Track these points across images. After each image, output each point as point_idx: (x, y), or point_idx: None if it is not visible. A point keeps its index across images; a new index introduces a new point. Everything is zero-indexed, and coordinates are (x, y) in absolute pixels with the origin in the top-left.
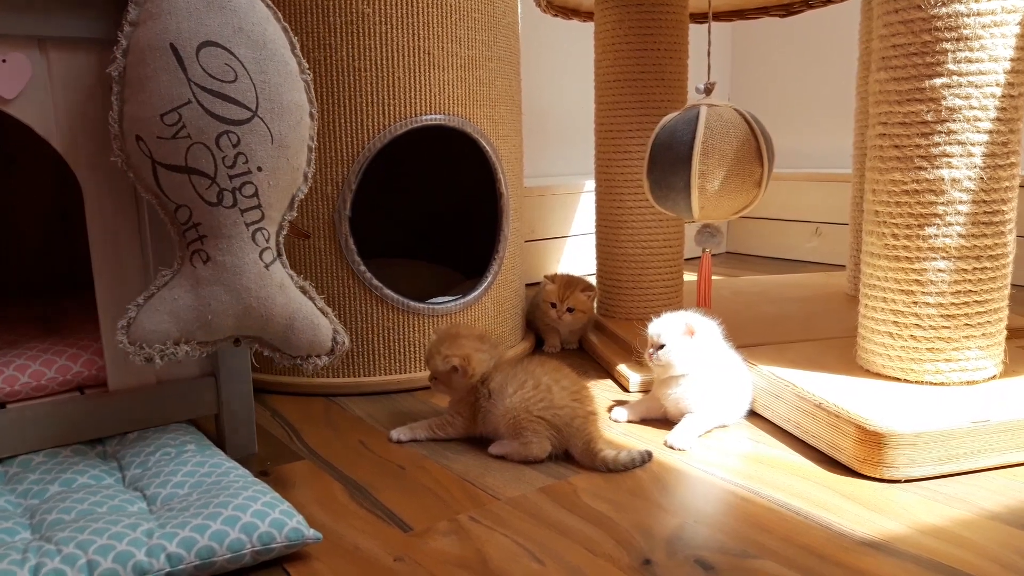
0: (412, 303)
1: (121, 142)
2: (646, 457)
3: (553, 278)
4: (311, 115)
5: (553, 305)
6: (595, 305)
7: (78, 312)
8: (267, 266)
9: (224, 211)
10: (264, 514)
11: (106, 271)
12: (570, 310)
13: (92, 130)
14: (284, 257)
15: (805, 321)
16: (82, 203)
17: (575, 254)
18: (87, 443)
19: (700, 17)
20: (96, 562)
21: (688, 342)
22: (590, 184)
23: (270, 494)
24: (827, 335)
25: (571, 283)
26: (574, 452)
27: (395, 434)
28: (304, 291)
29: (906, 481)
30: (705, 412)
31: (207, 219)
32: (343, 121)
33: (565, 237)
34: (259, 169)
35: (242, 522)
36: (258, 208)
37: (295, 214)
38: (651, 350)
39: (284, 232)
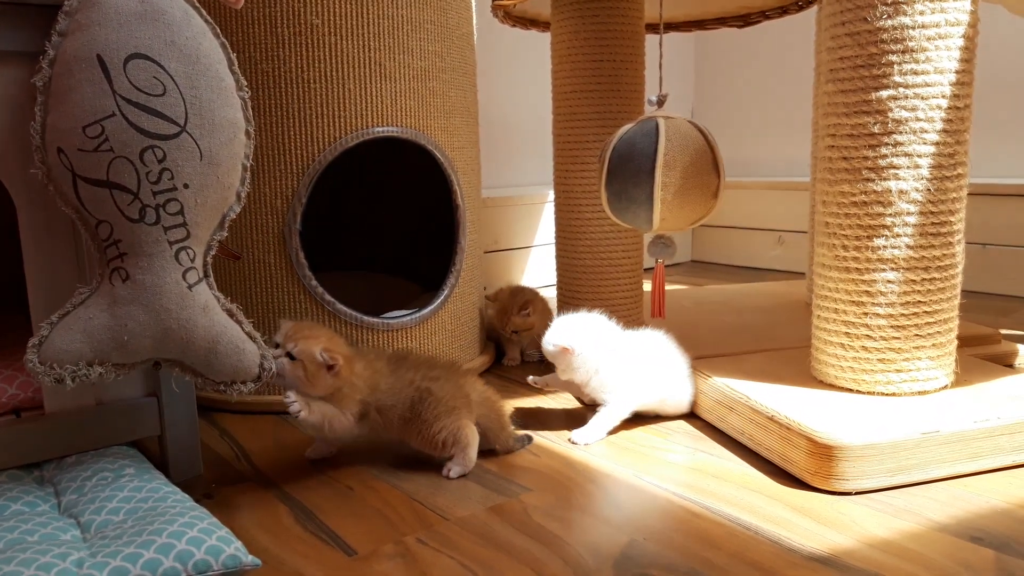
0: (366, 318)
1: (42, 154)
2: (528, 440)
3: (495, 297)
4: (247, 133)
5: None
6: (543, 313)
7: (16, 333)
8: (190, 287)
9: (146, 228)
10: (200, 541)
11: (40, 289)
12: (516, 332)
13: (24, 145)
14: (211, 278)
15: (765, 331)
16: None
17: (539, 264)
18: (24, 468)
19: (656, 28)
20: None
21: (570, 358)
22: (553, 194)
23: (207, 520)
24: (786, 345)
25: (506, 309)
26: (487, 435)
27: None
28: (231, 314)
29: (857, 493)
30: (614, 402)
31: (128, 236)
32: (292, 133)
33: (529, 247)
34: (186, 186)
35: (177, 550)
36: (183, 226)
37: (225, 234)
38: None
39: (212, 252)
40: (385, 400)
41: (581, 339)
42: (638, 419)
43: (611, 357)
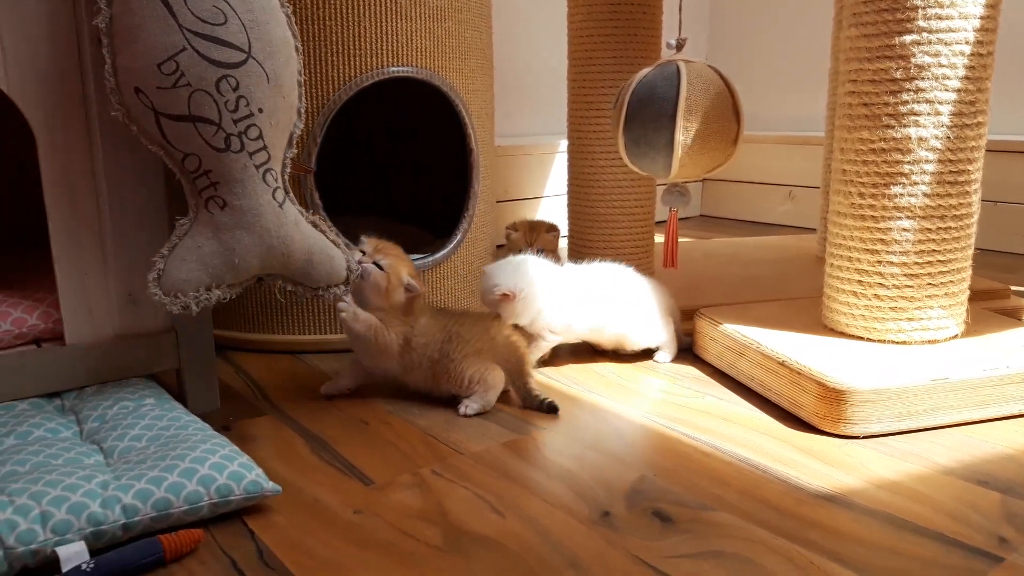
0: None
1: (119, 96)
2: (550, 408)
3: (515, 226)
4: (296, 49)
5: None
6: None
7: (33, 265)
8: (280, 205)
9: (233, 156)
10: (222, 467)
11: (60, 220)
12: (540, 252)
13: (44, 76)
14: (292, 194)
15: (774, 282)
16: (35, 154)
17: (549, 214)
18: (44, 396)
19: None
20: (50, 513)
21: (513, 304)
22: (565, 144)
23: (229, 447)
24: (795, 295)
25: (535, 226)
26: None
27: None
28: (315, 225)
29: (865, 437)
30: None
31: (217, 166)
32: (308, 72)
33: (539, 197)
34: (260, 111)
35: (199, 474)
36: (264, 150)
37: (295, 151)
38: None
39: (287, 170)
40: (419, 338)
41: (521, 283)
42: (647, 364)
43: (551, 295)
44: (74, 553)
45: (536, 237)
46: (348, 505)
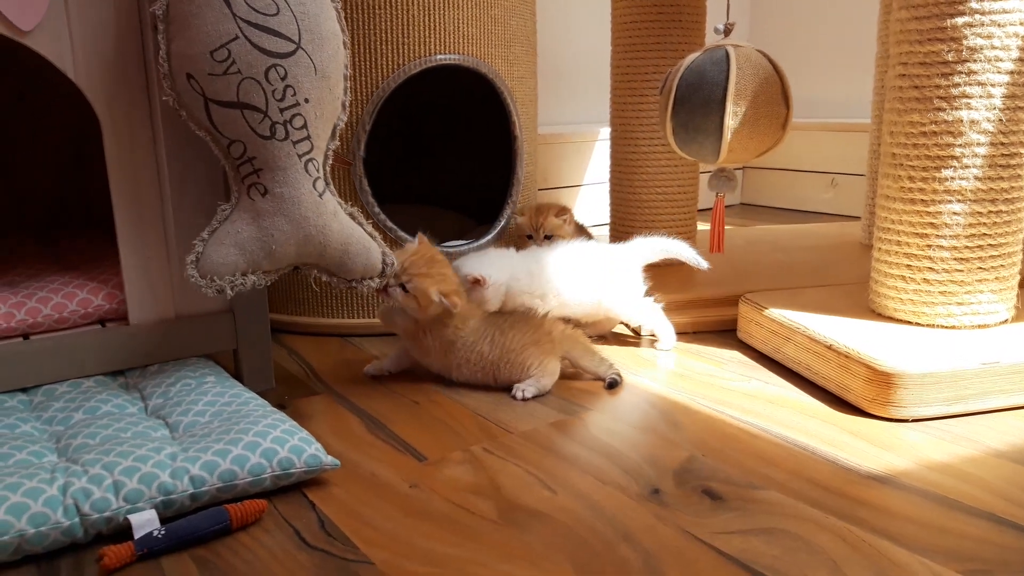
0: None
1: (171, 81)
2: (612, 384)
3: (522, 211)
4: (344, 43)
5: (530, 237)
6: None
7: (95, 249)
8: (320, 195)
9: (277, 144)
10: (283, 440)
11: (125, 204)
12: (548, 238)
13: (109, 62)
14: (332, 186)
15: (818, 269)
16: (96, 141)
17: (589, 203)
18: (109, 375)
19: None
20: (122, 483)
21: (482, 290)
22: (605, 132)
23: (288, 423)
24: (840, 282)
25: (541, 209)
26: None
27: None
28: (353, 217)
29: (914, 421)
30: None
31: (261, 153)
32: (357, 60)
33: (579, 186)
34: (306, 101)
35: (262, 448)
36: (308, 139)
37: (337, 143)
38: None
39: (329, 161)
40: (468, 337)
41: (489, 270)
42: (691, 348)
43: (517, 278)
44: (146, 520)
45: (542, 221)
46: (404, 479)
